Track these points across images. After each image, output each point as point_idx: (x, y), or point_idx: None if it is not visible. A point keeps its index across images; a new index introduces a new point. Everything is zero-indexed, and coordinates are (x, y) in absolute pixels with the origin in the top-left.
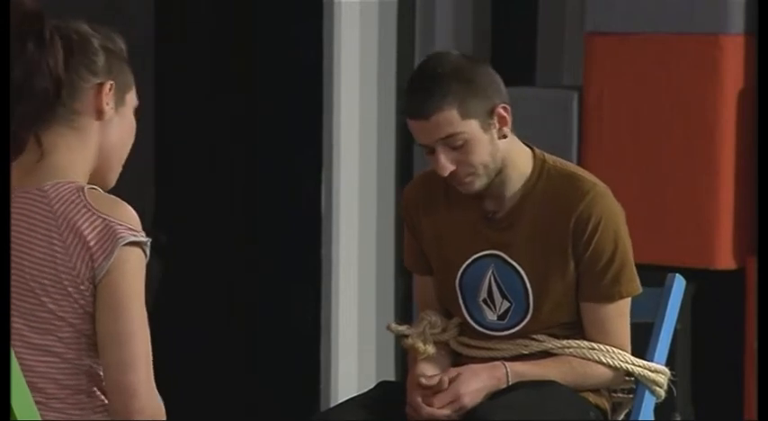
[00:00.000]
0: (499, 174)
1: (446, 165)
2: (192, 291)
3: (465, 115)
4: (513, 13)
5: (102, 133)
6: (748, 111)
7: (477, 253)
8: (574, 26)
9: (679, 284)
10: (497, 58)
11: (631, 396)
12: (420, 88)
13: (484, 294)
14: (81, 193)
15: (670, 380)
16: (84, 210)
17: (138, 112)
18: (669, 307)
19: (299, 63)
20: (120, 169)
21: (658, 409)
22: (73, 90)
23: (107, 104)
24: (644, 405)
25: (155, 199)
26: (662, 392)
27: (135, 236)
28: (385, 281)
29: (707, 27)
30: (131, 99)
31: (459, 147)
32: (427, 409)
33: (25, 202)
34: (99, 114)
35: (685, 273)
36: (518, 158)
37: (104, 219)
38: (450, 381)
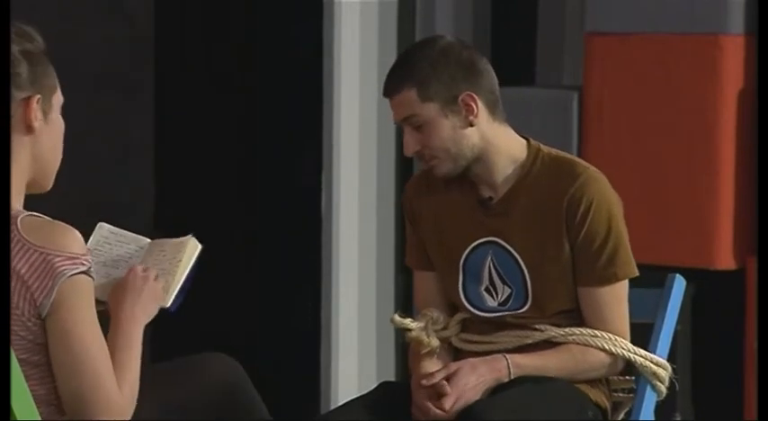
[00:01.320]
0: (479, 161)
1: (409, 144)
2: (191, 290)
3: (425, 98)
4: (513, 13)
5: (33, 145)
6: (748, 112)
7: (476, 240)
8: (574, 26)
9: (679, 284)
10: (497, 58)
11: (632, 395)
12: (392, 67)
13: (486, 282)
14: (14, 226)
15: (672, 377)
16: (19, 245)
17: (138, 112)
18: (669, 307)
19: (299, 63)
20: (55, 171)
21: (658, 409)
22: None
23: (36, 119)
24: (645, 404)
25: (155, 199)
26: (663, 388)
27: (75, 267)
28: (385, 280)
29: (707, 27)
30: (57, 100)
31: (420, 129)
32: (434, 411)
33: None
34: (29, 129)
35: (685, 273)
36: (506, 145)
37: (41, 252)
38: (450, 377)
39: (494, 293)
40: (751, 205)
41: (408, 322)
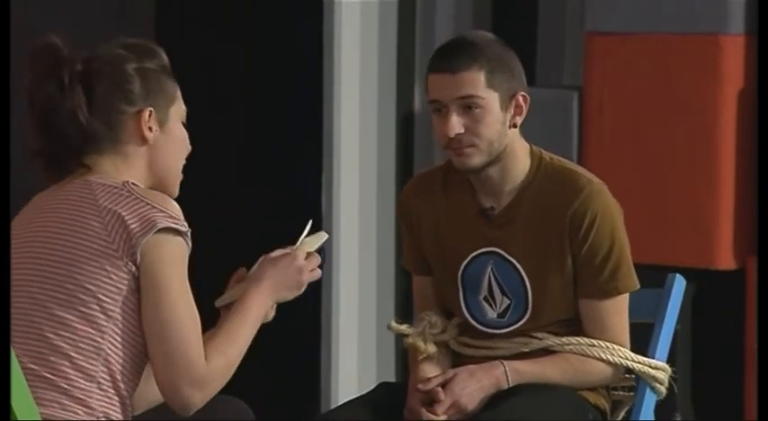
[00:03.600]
0: (499, 162)
1: (455, 125)
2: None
3: (490, 84)
4: (513, 13)
5: (151, 155)
6: (748, 112)
7: (476, 250)
8: (574, 26)
9: (679, 284)
10: None
11: (632, 394)
12: (454, 47)
13: (485, 292)
14: (126, 184)
15: (671, 377)
16: (128, 193)
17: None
18: (669, 307)
19: (299, 63)
20: (178, 181)
21: (658, 409)
22: (112, 122)
23: (149, 130)
24: (644, 404)
25: None
26: (663, 389)
27: (175, 223)
28: (385, 281)
29: (707, 27)
30: (177, 111)
31: (473, 111)
32: (427, 415)
33: (68, 190)
34: (143, 141)
35: (685, 273)
36: (520, 153)
37: (147, 203)
38: (447, 383)
39: (492, 303)
40: (751, 205)
41: (405, 328)
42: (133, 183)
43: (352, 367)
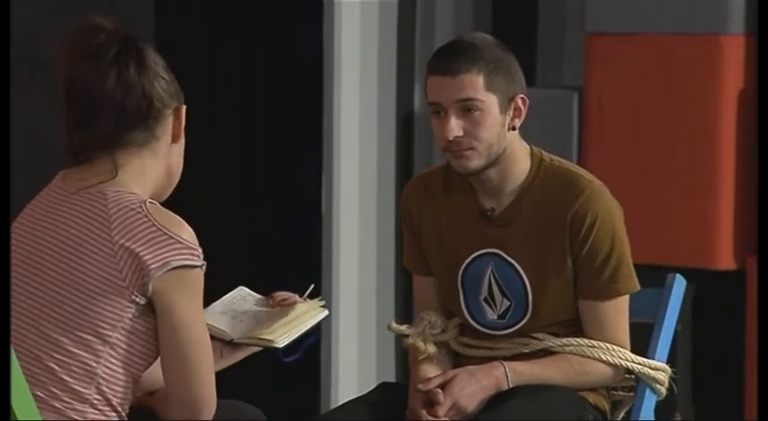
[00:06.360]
0: (499, 164)
1: (454, 127)
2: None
3: (489, 87)
4: (513, 13)
5: (170, 155)
6: (748, 112)
7: (476, 251)
8: (574, 26)
9: (679, 284)
10: None
11: (632, 394)
12: (454, 49)
13: (485, 293)
14: (143, 205)
15: (671, 377)
16: (145, 219)
17: None
18: (669, 307)
19: (299, 63)
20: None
21: (658, 409)
22: (157, 114)
23: (181, 128)
24: (644, 404)
25: None
26: (663, 390)
27: (193, 259)
28: (385, 281)
29: (707, 27)
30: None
31: (472, 114)
32: (426, 416)
33: (83, 201)
34: (176, 138)
35: (685, 273)
36: (519, 155)
37: (164, 232)
38: (446, 384)
39: (492, 305)
40: (751, 205)
41: (404, 328)
42: (150, 202)
43: (353, 367)
